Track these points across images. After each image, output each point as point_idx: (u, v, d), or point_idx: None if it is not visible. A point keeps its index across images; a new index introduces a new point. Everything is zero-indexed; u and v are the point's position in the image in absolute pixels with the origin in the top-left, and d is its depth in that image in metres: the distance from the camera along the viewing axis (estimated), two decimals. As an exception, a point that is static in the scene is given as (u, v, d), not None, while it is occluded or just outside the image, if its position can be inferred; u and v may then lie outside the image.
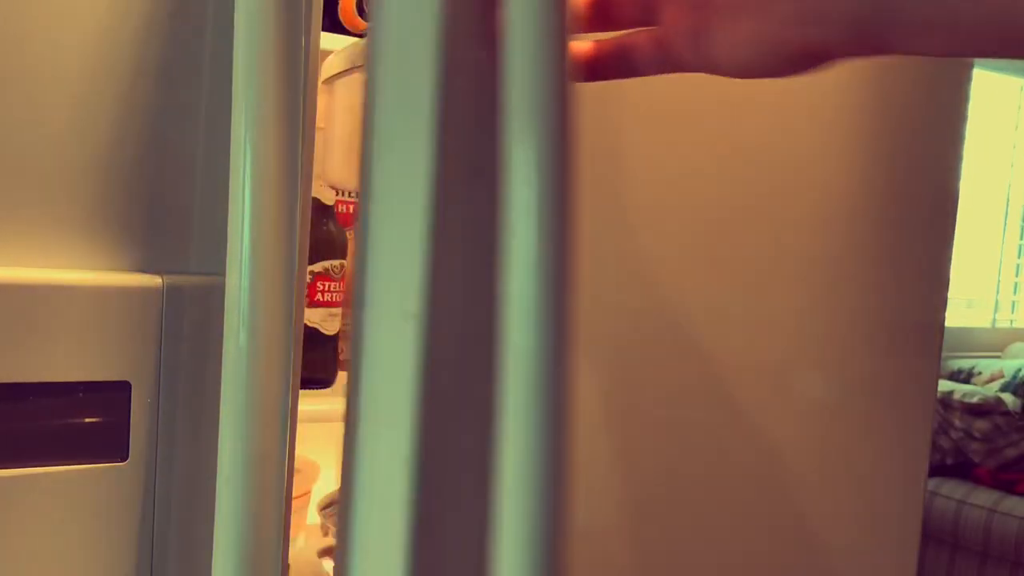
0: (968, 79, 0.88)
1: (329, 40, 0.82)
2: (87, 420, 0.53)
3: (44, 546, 0.52)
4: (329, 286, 0.86)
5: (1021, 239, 3.60)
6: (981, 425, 2.74)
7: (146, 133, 0.54)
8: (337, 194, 0.92)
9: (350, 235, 0.94)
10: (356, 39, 0.86)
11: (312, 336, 0.84)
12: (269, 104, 0.49)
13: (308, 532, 1.13)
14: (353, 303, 0.47)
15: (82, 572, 0.53)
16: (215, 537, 0.50)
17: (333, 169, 0.82)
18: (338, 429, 1.39)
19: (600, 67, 0.46)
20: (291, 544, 1.04)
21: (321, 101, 0.81)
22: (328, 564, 1.03)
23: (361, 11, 0.88)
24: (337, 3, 0.89)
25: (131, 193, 0.55)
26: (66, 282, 0.52)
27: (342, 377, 0.90)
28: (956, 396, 2.80)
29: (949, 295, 0.91)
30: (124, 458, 0.54)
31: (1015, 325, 3.57)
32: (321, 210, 0.84)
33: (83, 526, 0.53)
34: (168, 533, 0.55)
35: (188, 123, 0.55)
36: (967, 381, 3.10)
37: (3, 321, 0.51)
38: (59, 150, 0.53)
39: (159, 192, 0.55)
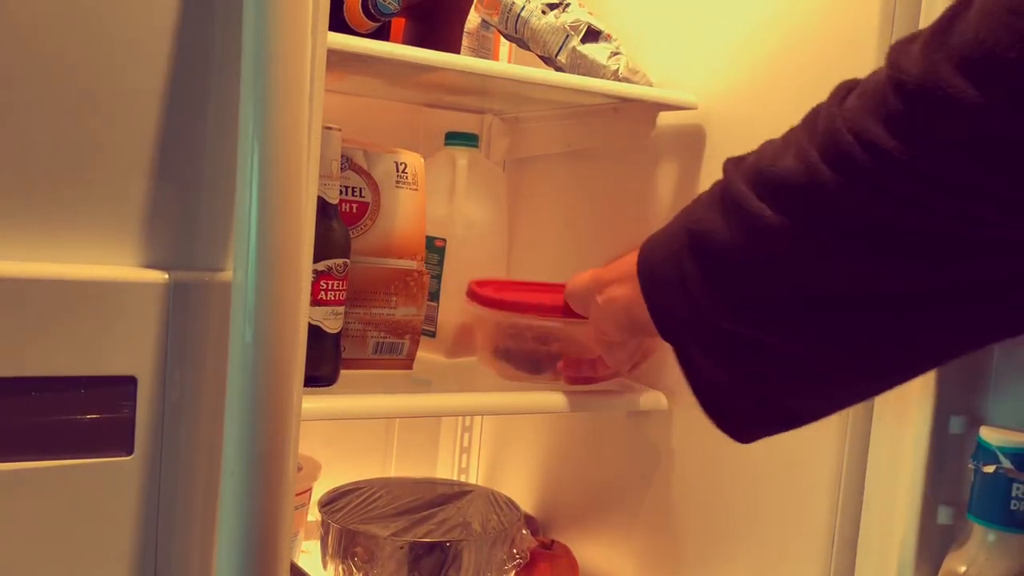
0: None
1: (335, 39, 0.82)
2: (93, 414, 0.53)
3: (50, 538, 0.53)
4: (332, 284, 0.86)
5: None
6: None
7: (153, 131, 0.55)
8: (341, 192, 0.92)
9: (353, 234, 0.94)
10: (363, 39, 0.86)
11: (314, 334, 0.84)
12: (276, 103, 0.50)
13: (308, 529, 1.14)
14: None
15: (87, 564, 0.54)
16: (219, 531, 0.50)
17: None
18: (340, 427, 1.39)
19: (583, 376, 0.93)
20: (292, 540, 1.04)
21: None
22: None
23: (367, 11, 0.89)
24: (343, 2, 0.89)
25: (137, 189, 0.55)
26: (72, 277, 0.53)
27: (344, 376, 0.90)
28: None
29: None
30: (129, 452, 0.54)
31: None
32: (324, 208, 0.84)
33: (88, 519, 0.53)
34: (172, 527, 0.55)
35: (195, 121, 0.56)
36: None
37: (9, 315, 0.51)
38: (64, 147, 0.53)
39: (165, 188, 0.55)
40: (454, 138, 1.15)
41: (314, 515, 1.10)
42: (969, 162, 0.45)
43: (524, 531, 1.04)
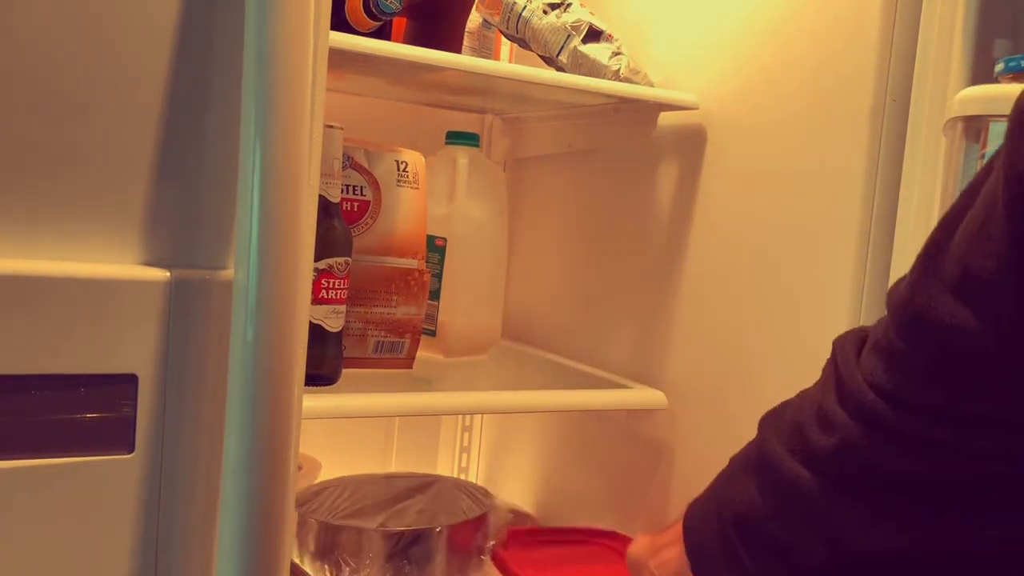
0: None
1: (336, 38, 0.82)
2: (94, 413, 0.53)
3: (51, 536, 0.53)
4: (333, 283, 0.86)
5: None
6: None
7: (155, 129, 0.55)
8: (342, 191, 0.92)
9: (354, 233, 0.94)
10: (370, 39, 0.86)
11: (315, 333, 0.84)
12: (278, 101, 0.50)
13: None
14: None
15: (88, 562, 0.54)
16: (220, 529, 0.50)
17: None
18: (340, 426, 1.38)
19: None
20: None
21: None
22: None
23: (368, 10, 0.89)
24: (344, 1, 0.89)
25: (139, 187, 0.55)
26: (74, 274, 0.53)
27: (344, 374, 0.90)
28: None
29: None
30: (130, 450, 0.54)
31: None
32: (326, 207, 0.84)
33: (89, 516, 0.53)
34: (173, 524, 0.55)
35: (197, 120, 0.56)
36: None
37: (11, 313, 0.51)
38: (66, 146, 0.53)
39: (167, 187, 0.55)
40: (455, 137, 1.15)
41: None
42: (986, 392, 0.45)
43: (498, 512, 1.05)
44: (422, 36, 0.98)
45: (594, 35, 1.03)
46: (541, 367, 1.17)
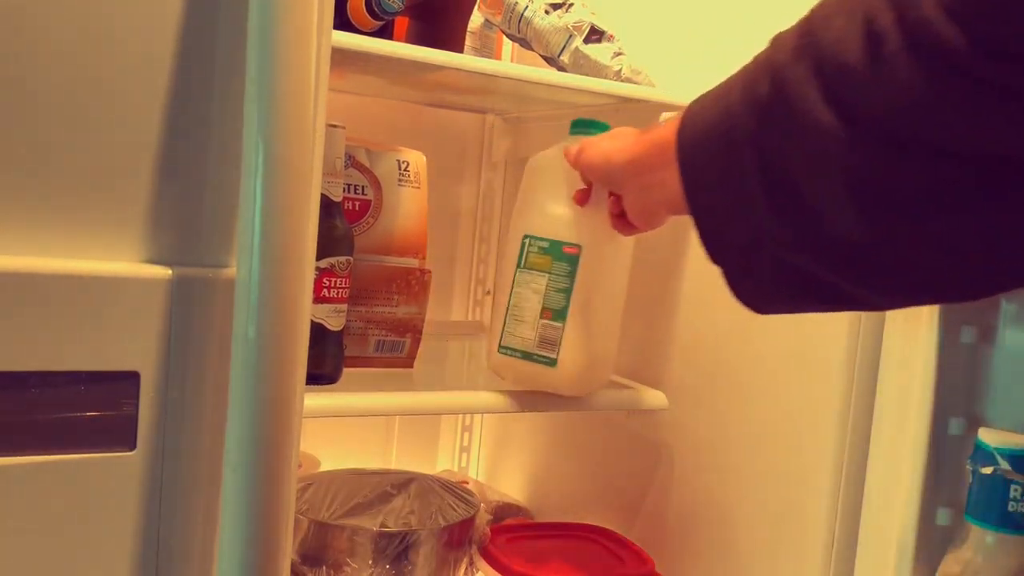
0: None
1: (339, 38, 0.82)
2: (96, 410, 0.53)
3: (52, 533, 0.53)
4: (335, 282, 0.86)
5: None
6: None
7: (158, 128, 0.55)
8: (344, 190, 0.93)
9: (355, 232, 0.94)
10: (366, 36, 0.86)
11: (317, 332, 0.85)
12: (281, 100, 0.50)
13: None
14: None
15: (89, 558, 0.54)
16: (221, 527, 0.51)
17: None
18: (340, 425, 1.38)
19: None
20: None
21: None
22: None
23: (370, 9, 0.89)
24: (346, 1, 0.89)
25: (142, 186, 0.55)
26: (76, 272, 0.53)
27: (346, 373, 0.90)
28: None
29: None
30: (132, 447, 0.54)
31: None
32: (328, 206, 0.84)
33: (91, 513, 0.54)
34: (174, 522, 0.55)
35: (200, 118, 0.56)
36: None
37: (13, 310, 0.51)
38: (69, 144, 0.53)
39: (170, 185, 0.56)
40: (583, 126, 0.93)
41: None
42: None
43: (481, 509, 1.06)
44: (424, 36, 0.98)
45: (596, 35, 1.03)
46: (541, 367, 1.17)
